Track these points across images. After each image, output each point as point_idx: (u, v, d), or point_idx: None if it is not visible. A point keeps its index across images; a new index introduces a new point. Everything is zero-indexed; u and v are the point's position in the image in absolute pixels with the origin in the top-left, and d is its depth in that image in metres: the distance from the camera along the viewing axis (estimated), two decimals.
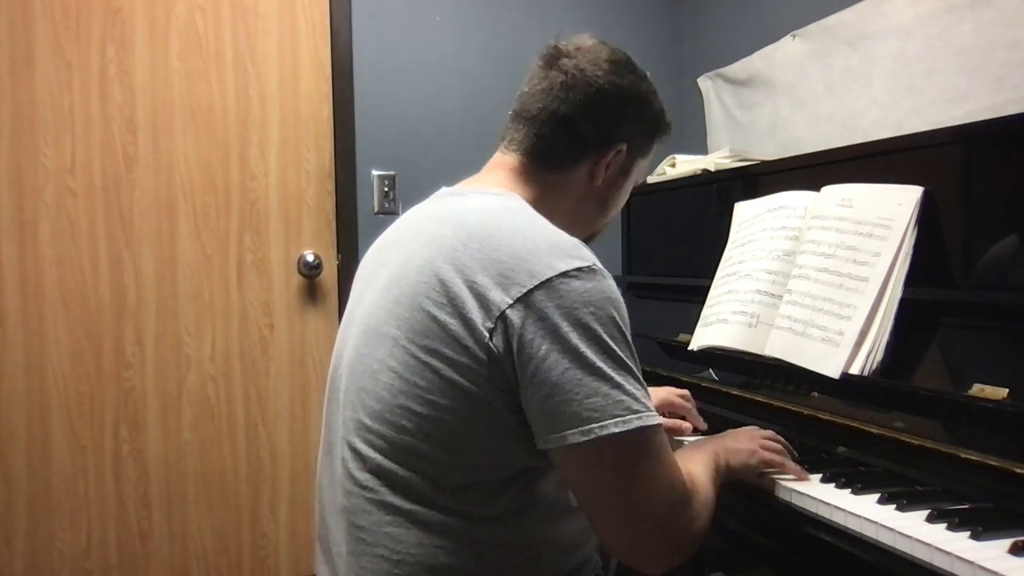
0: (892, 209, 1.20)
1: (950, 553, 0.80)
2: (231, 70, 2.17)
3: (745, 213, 1.54)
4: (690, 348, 1.49)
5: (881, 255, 1.18)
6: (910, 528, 0.87)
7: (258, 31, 2.19)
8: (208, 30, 2.14)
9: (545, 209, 0.99)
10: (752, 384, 1.39)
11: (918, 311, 1.14)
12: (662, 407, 1.34)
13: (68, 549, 2.04)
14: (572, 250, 0.88)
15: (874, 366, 1.14)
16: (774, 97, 2.15)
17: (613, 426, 0.82)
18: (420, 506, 0.88)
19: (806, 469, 1.08)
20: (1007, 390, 0.96)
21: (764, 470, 1.08)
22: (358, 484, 0.91)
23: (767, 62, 2.16)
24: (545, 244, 0.88)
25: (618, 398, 0.83)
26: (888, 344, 1.14)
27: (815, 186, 1.37)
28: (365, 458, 0.91)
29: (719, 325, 1.43)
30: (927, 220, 1.17)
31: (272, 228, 2.22)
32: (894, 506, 0.94)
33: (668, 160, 2.01)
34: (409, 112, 2.33)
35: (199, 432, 2.16)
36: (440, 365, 0.86)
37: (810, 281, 1.27)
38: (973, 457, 0.96)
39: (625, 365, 0.85)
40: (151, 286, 2.11)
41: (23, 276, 2.01)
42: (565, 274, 0.85)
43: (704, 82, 2.47)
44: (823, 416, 1.20)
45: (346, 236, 2.28)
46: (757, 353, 1.33)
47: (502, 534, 0.90)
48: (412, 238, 0.98)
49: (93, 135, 2.05)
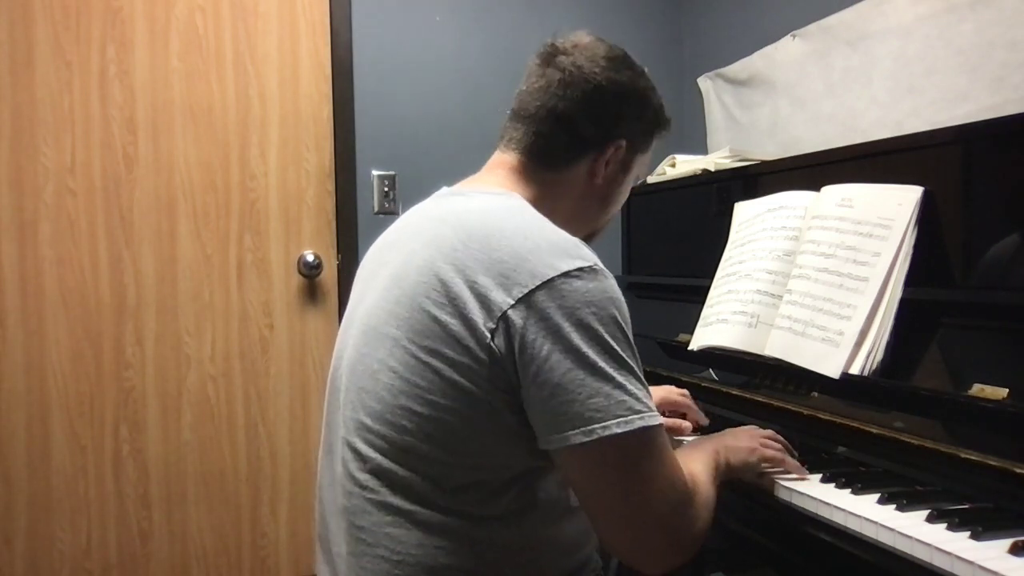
0: (892, 209, 1.20)
1: (950, 553, 0.80)
2: (231, 70, 2.17)
3: (745, 213, 1.54)
4: (690, 348, 1.49)
5: (881, 255, 1.18)
6: (910, 528, 0.87)
7: (258, 31, 2.19)
8: (208, 30, 2.14)
9: (546, 208, 0.99)
10: (752, 384, 1.39)
11: (918, 311, 1.14)
12: (662, 405, 1.35)
13: (68, 549, 2.04)
14: (573, 250, 0.88)
15: (874, 366, 1.14)
16: (774, 97, 2.15)
17: (615, 426, 0.82)
18: (420, 507, 0.88)
19: (806, 469, 1.08)
20: (1007, 390, 0.96)
21: (764, 467, 1.08)
22: (358, 484, 0.91)
23: (767, 62, 2.16)
24: (546, 244, 0.88)
25: (620, 398, 0.83)
26: (888, 344, 1.14)
27: (815, 186, 1.37)
28: (365, 458, 0.91)
29: (719, 325, 1.43)
30: (927, 220, 1.17)
31: (272, 228, 2.22)
32: (894, 506, 0.94)
33: (668, 160, 2.01)
34: (409, 112, 2.33)
35: (199, 432, 2.16)
36: (441, 365, 0.86)
37: (810, 281, 1.27)
38: (973, 457, 0.96)
39: (627, 365, 0.85)
40: (151, 286, 2.11)
41: (23, 276, 2.01)
42: (567, 274, 0.85)
43: (704, 82, 2.47)
44: (823, 416, 1.20)
45: (346, 236, 2.28)
46: (757, 353, 1.33)
47: (503, 535, 0.90)
48: (412, 238, 0.98)
49: (93, 135, 2.05)
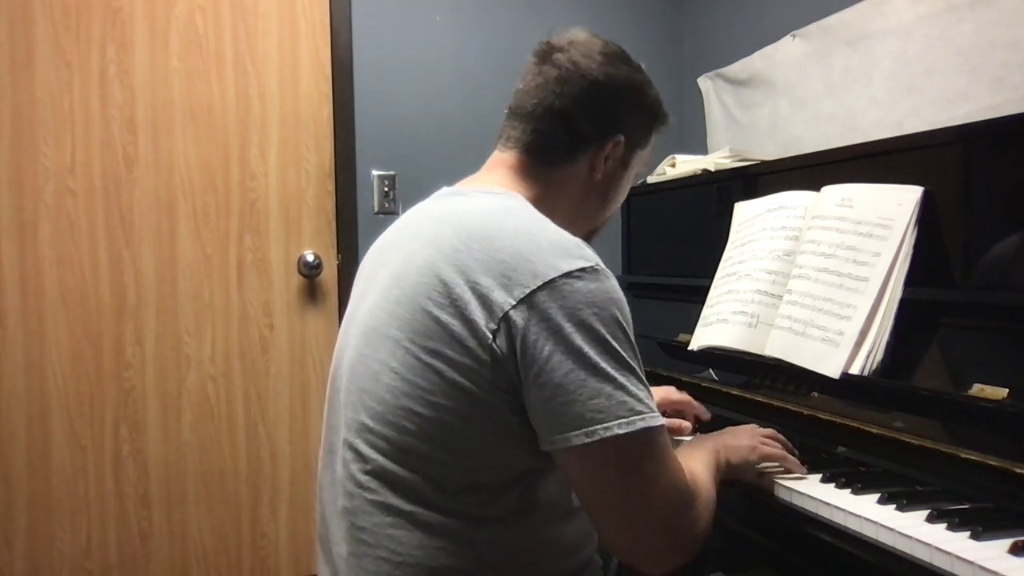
0: (892, 209, 1.20)
1: (950, 553, 0.80)
2: (231, 70, 2.17)
3: (745, 213, 1.54)
4: (690, 348, 1.49)
5: (881, 255, 1.18)
6: (910, 528, 0.87)
7: (258, 31, 2.19)
8: (208, 30, 2.14)
9: (546, 206, 0.99)
10: (752, 384, 1.39)
11: (918, 311, 1.14)
12: (662, 405, 1.34)
13: (68, 549, 2.04)
14: (575, 250, 0.87)
15: (874, 366, 1.14)
16: (774, 97, 2.15)
17: (617, 427, 0.82)
18: (421, 508, 0.88)
19: (806, 468, 1.08)
20: (1007, 390, 0.97)
21: (764, 465, 1.08)
22: (359, 485, 0.91)
23: (767, 62, 2.16)
24: (548, 244, 0.87)
25: (621, 399, 0.83)
26: (888, 344, 1.14)
27: (815, 186, 1.37)
28: (367, 459, 0.91)
29: (719, 325, 1.43)
30: (927, 220, 1.17)
31: (272, 228, 2.22)
32: (894, 506, 0.94)
33: (668, 160, 2.01)
34: (409, 112, 2.33)
35: (199, 432, 2.16)
36: (442, 366, 0.86)
37: (810, 281, 1.27)
38: (973, 457, 0.96)
39: (628, 366, 0.85)
40: (151, 286, 2.11)
41: (23, 276, 2.01)
42: (568, 274, 0.84)
43: (704, 82, 2.47)
44: (823, 416, 1.21)
45: (346, 236, 2.28)
46: (757, 353, 1.33)
47: (504, 535, 0.90)
48: (413, 238, 0.98)
49: (93, 135, 2.05)
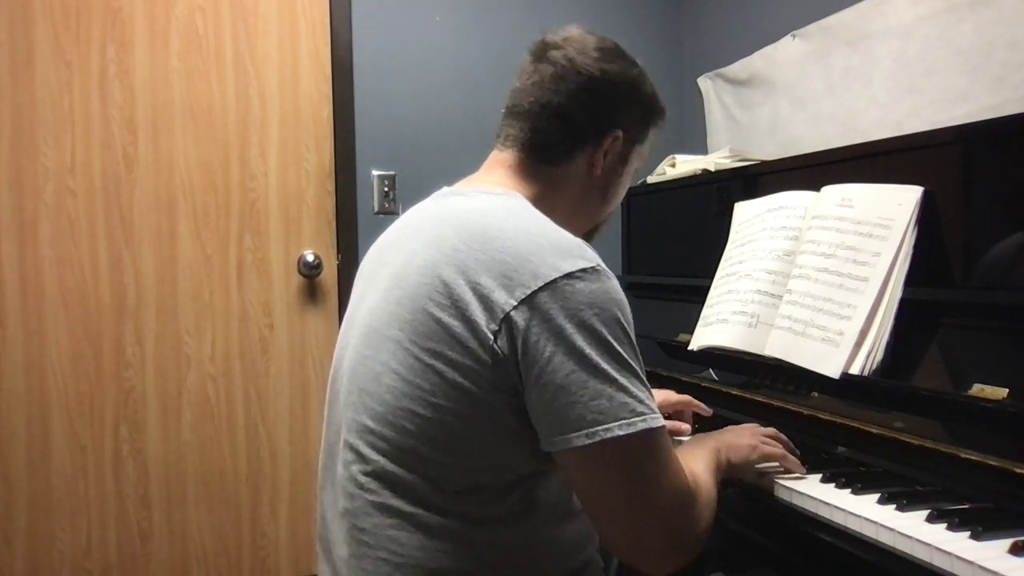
0: (892, 209, 1.20)
1: (950, 553, 0.80)
2: (231, 70, 2.17)
3: (745, 213, 1.54)
4: (690, 348, 1.49)
5: (881, 255, 1.18)
6: (910, 528, 0.87)
7: (258, 31, 2.19)
8: (208, 30, 2.14)
9: (547, 204, 0.99)
10: (752, 384, 1.39)
11: (918, 311, 1.14)
12: (662, 407, 1.34)
13: (68, 549, 2.04)
14: (576, 250, 0.87)
15: (874, 366, 1.14)
16: (774, 97, 2.15)
17: (618, 428, 0.82)
18: (422, 509, 0.88)
19: (806, 468, 1.08)
20: (1007, 390, 0.97)
21: (764, 465, 1.08)
22: (360, 486, 0.91)
23: (767, 62, 2.16)
24: (549, 244, 0.87)
25: (623, 400, 0.83)
26: (888, 344, 1.14)
27: (815, 186, 1.37)
28: (367, 460, 0.90)
29: (719, 325, 1.43)
30: (927, 220, 1.17)
31: (272, 228, 2.22)
32: (894, 506, 0.94)
33: (668, 160, 2.01)
34: (409, 112, 2.33)
35: (199, 432, 2.16)
36: (443, 367, 0.86)
37: (810, 281, 1.27)
38: (973, 457, 0.96)
39: (629, 367, 0.85)
40: (151, 286, 2.11)
41: (23, 276, 2.01)
42: (569, 275, 0.84)
43: (704, 82, 2.46)
44: (823, 416, 1.21)
45: (346, 236, 2.28)
46: (757, 353, 1.33)
47: (504, 536, 0.90)
48: (413, 238, 0.97)
49: (93, 135, 2.05)
